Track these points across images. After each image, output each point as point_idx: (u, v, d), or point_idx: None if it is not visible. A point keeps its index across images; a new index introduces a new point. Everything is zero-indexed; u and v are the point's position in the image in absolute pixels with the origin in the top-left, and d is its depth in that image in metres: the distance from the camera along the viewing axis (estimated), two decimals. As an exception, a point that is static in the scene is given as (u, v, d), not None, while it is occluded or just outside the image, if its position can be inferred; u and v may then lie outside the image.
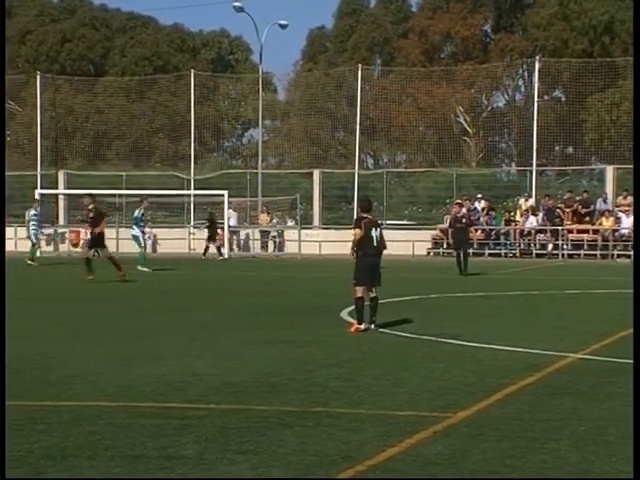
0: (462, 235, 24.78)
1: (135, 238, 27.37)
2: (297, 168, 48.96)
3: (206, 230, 36.07)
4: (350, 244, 13.28)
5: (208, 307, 16.85)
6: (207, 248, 35.44)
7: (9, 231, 38.63)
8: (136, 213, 27.56)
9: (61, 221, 43.47)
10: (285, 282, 24.03)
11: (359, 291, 13.04)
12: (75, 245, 40.52)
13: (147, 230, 29.69)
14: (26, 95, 53.31)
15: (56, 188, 43.59)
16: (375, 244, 13.04)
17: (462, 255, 24.69)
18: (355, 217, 13.58)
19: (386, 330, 13.02)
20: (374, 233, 13.05)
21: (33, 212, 31.06)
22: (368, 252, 13.02)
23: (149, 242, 32.76)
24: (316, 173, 42.89)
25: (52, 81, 51.21)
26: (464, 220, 24.90)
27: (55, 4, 73.76)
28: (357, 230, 12.99)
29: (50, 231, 40.76)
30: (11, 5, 68.71)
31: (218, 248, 35.55)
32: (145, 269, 26.40)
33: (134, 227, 27.45)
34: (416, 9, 66.20)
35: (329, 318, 14.64)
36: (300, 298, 18.79)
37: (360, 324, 12.90)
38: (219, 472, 5.97)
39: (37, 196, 36.54)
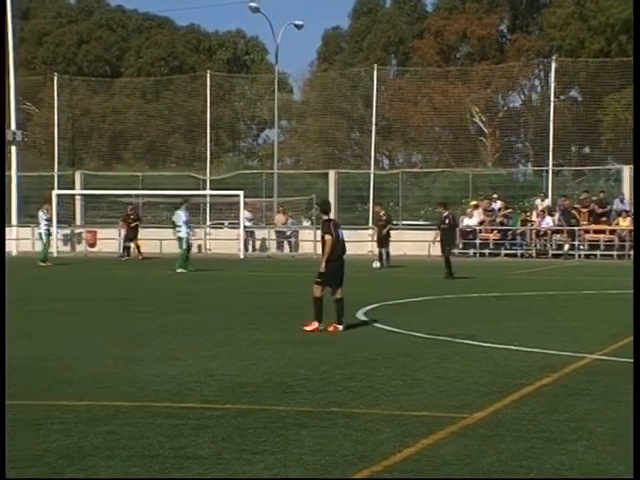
0: (447, 236, 24.57)
1: (179, 239, 27.47)
2: (313, 168, 48.95)
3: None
4: (327, 252, 12.96)
5: (223, 307, 16.87)
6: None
7: (26, 231, 38.83)
8: (183, 216, 27.60)
9: (78, 221, 43.63)
10: (300, 282, 23.99)
11: (318, 291, 12.99)
12: (92, 245, 40.67)
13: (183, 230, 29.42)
14: (43, 96, 53.52)
15: (73, 188, 43.76)
16: (341, 245, 13.12)
17: (445, 256, 24.29)
18: (322, 221, 13.40)
19: (401, 330, 13.01)
20: (340, 234, 13.08)
21: (41, 213, 31.18)
22: (337, 254, 13.05)
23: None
24: (332, 173, 42.89)
25: (69, 82, 51.47)
26: (447, 221, 24.75)
27: (72, 5, 74.00)
28: (328, 236, 12.93)
29: (67, 231, 40.91)
30: (29, 7, 69.03)
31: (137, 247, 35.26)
32: (181, 270, 26.41)
33: (179, 228, 27.48)
34: (431, 9, 66.06)
35: (343, 318, 14.62)
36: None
37: (320, 323, 12.89)
38: (236, 472, 5.99)
39: (54, 197, 36.74)
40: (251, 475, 5.93)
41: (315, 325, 12.89)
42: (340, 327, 13.02)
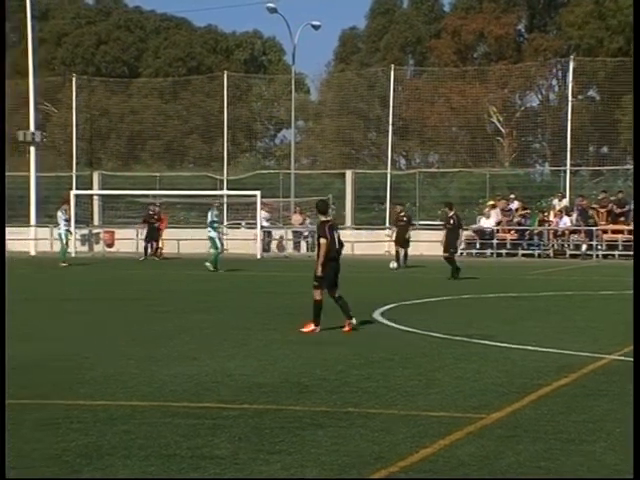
0: (451, 236, 24.48)
1: (211, 240, 27.60)
2: (329, 169, 48.96)
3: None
4: (322, 255, 12.88)
5: (241, 307, 16.89)
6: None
7: (45, 231, 39.00)
8: (209, 217, 27.75)
9: (95, 221, 43.79)
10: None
11: (318, 294, 12.97)
12: (109, 245, 40.81)
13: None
14: (62, 97, 53.75)
15: (91, 189, 43.93)
16: (337, 247, 13.11)
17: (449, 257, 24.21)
18: (318, 223, 13.40)
19: (417, 330, 12.99)
20: (335, 235, 13.07)
21: (60, 214, 31.31)
22: (333, 256, 13.04)
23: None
24: (348, 174, 42.88)
25: (87, 83, 51.69)
26: (452, 221, 24.68)
27: (91, 6, 74.30)
28: (323, 240, 12.90)
29: (85, 231, 41.08)
30: (48, 8, 69.36)
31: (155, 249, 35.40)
32: (212, 268, 26.55)
33: (210, 229, 27.65)
34: (449, 9, 65.94)
35: (360, 318, 14.61)
36: (331, 298, 18.76)
37: (317, 326, 12.86)
38: (252, 472, 6.00)
39: (72, 197, 36.88)
40: (268, 475, 5.94)
41: (312, 327, 12.86)
42: (354, 321, 12.96)
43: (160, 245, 35.68)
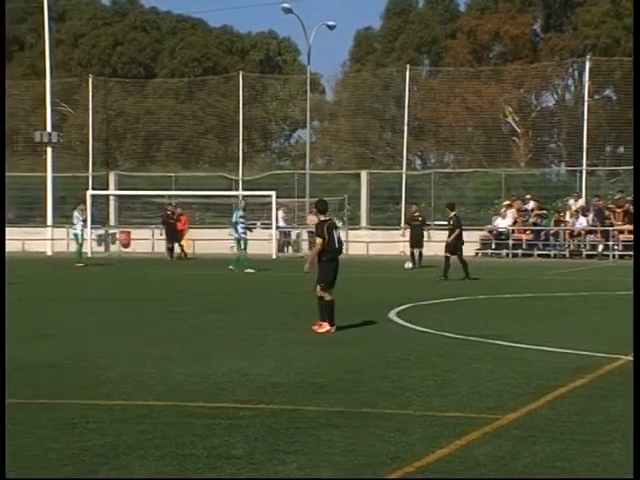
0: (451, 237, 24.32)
1: (237, 240, 27.67)
2: (345, 169, 48.96)
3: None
4: (314, 253, 13.02)
5: (257, 307, 16.92)
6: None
7: (61, 232, 39.14)
8: (235, 217, 27.81)
9: (112, 222, 43.94)
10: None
11: (328, 295, 12.98)
12: (125, 245, 40.94)
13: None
14: (78, 97, 53.98)
15: (107, 189, 44.08)
16: (337, 246, 13.11)
17: (461, 259, 24.15)
18: (317, 222, 13.34)
19: (433, 331, 12.98)
20: (335, 234, 13.08)
21: (76, 214, 31.42)
22: (333, 255, 13.05)
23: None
24: (364, 174, 42.86)
25: (104, 83, 51.88)
26: (451, 222, 24.51)
27: (107, 7, 74.55)
28: (320, 239, 12.92)
29: (101, 232, 41.22)
30: (65, 9, 69.65)
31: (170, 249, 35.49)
32: (250, 270, 26.60)
33: (235, 229, 27.72)
34: (464, 9, 65.83)
35: (375, 318, 14.63)
36: (346, 299, 18.77)
37: (333, 326, 12.86)
38: (268, 472, 6.01)
39: (88, 197, 37.01)
40: (284, 475, 5.95)
41: (327, 327, 12.88)
42: (332, 329, 12.95)
43: (181, 244, 35.82)
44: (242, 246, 27.45)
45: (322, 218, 13.24)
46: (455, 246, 24.15)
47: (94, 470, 6.03)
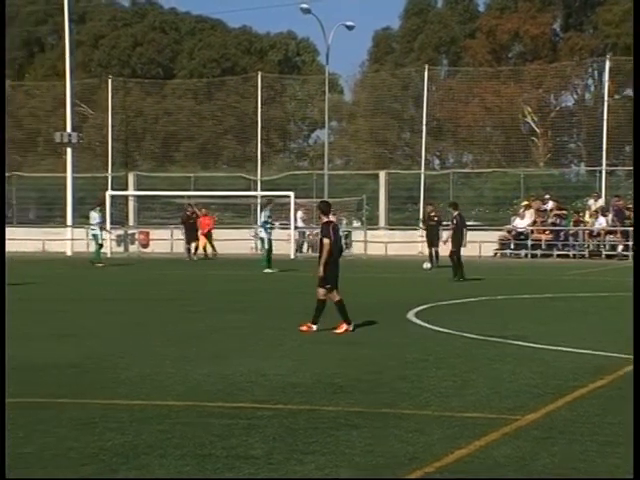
0: (453, 237, 24.10)
1: (262, 240, 27.71)
2: (363, 169, 48.93)
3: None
4: (324, 255, 12.86)
5: (276, 307, 16.93)
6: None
7: (81, 232, 39.30)
8: (263, 217, 27.83)
9: (131, 222, 44.09)
10: (350, 283, 23.97)
11: (337, 294, 12.99)
12: (144, 246, 41.08)
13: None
14: (97, 98, 54.22)
15: (126, 189, 44.24)
16: (339, 247, 13.24)
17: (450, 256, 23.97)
18: (322, 223, 13.33)
19: (452, 331, 12.96)
20: (337, 237, 13.17)
21: (95, 214, 31.54)
22: (336, 256, 13.10)
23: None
24: (382, 174, 42.82)
25: (123, 84, 52.08)
26: (455, 221, 24.25)
27: (127, 9, 74.84)
28: (326, 240, 12.93)
29: (120, 232, 41.37)
30: (85, 11, 69.98)
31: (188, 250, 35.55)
32: (270, 270, 26.60)
33: (261, 230, 27.75)
34: (483, 9, 65.70)
35: (394, 319, 14.63)
36: (365, 299, 18.78)
37: (349, 324, 12.87)
38: (287, 472, 6.02)
39: (107, 198, 37.16)
40: (302, 475, 5.96)
41: (345, 327, 12.89)
42: (314, 327, 12.98)
43: (201, 244, 35.87)
44: (267, 246, 27.38)
45: (325, 219, 13.28)
46: (455, 244, 23.80)
47: (114, 469, 6.05)
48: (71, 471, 6.00)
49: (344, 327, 12.89)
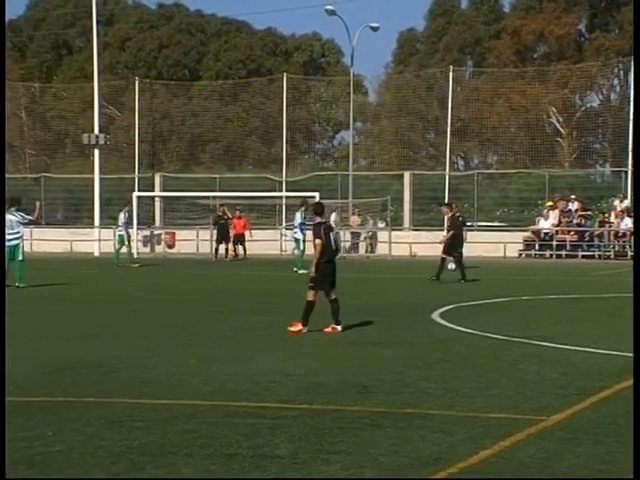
0: (451, 238, 23.86)
1: (296, 241, 27.80)
2: (388, 170, 48.92)
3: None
4: (316, 255, 12.96)
5: (299, 308, 16.95)
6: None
7: (108, 232, 39.54)
8: (299, 218, 27.87)
9: (157, 223, 44.32)
10: (375, 283, 24.05)
11: (311, 295, 13.02)
12: (170, 246, 41.28)
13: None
14: (125, 100, 54.55)
15: (152, 190, 44.48)
16: (334, 248, 13.21)
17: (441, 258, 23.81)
18: (313, 224, 13.36)
19: (476, 332, 12.95)
20: (331, 237, 13.14)
21: (122, 215, 31.72)
22: (329, 257, 13.10)
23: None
24: (407, 175, 42.80)
25: (149, 86, 52.37)
26: (449, 223, 24.02)
27: (153, 11, 75.21)
28: (318, 240, 12.95)
29: (146, 233, 41.59)
30: (112, 13, 70.45)
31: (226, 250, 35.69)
32: (305, 271, 26.63)
33: (296, 230, 27.85)
34: (508, 9, 65.48)
35: (418, 319, 14.64)
36: (389, 299, 18.80)
37: (305, 326, 12.88)
38: (312, 472, 6.05)
39: (134, 199, 37.37)
40: (327, 475, 5.99)
41: (299, 327, 12.90)
42: (339, 327, 13.02)
43: (231, 246, 36.05)
44: (302, 247, 27.43)
45: (318, 220, 13.30)
46: (450, 246, 23.62)
47: (141, 468, 6.12)
48: (102, 470, 6.07)
49: (299, 327, 12.90)
